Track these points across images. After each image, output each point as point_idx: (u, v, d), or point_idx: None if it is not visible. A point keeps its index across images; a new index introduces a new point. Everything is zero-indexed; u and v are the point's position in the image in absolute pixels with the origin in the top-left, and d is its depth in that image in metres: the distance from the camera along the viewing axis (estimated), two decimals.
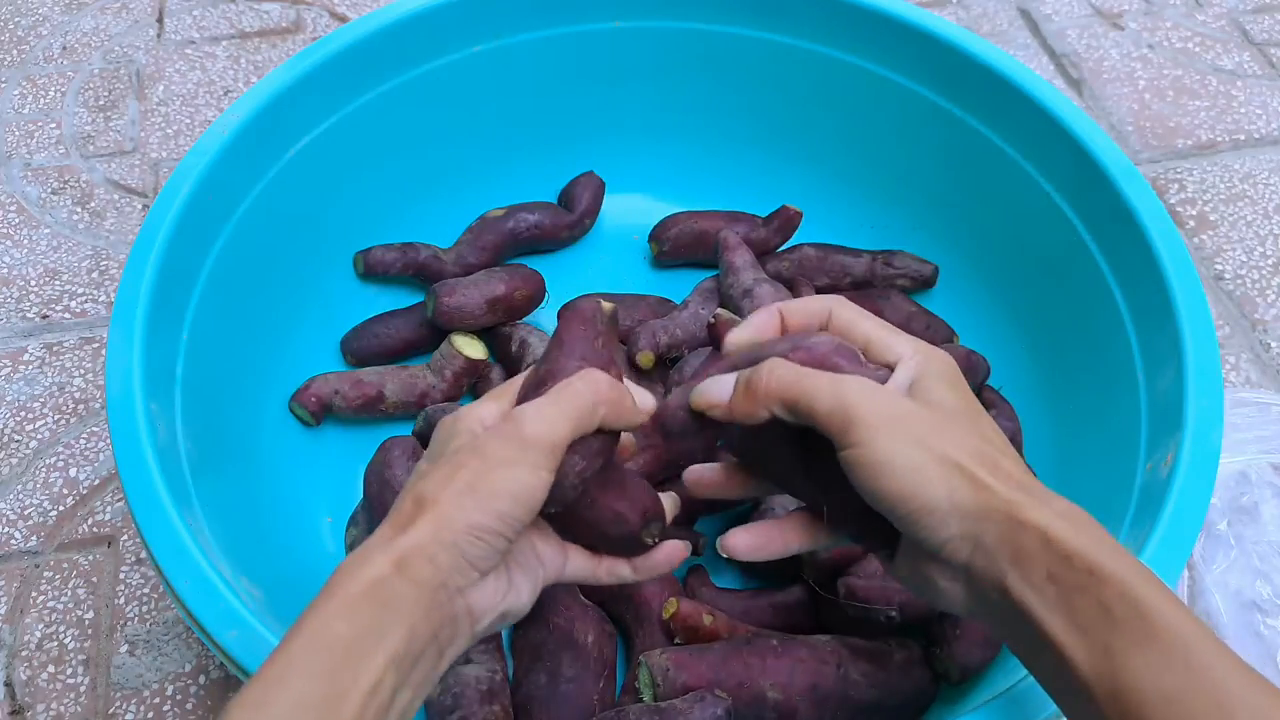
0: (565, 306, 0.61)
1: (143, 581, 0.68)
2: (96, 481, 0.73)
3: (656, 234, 0.78)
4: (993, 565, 0.37)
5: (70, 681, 0.64)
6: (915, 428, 0.38)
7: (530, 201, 0.78)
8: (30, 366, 0.79)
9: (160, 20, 1.05)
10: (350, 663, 0.35)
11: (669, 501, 0.48)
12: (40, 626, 0.66)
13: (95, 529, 0.70)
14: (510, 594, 0.42)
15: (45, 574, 0.69)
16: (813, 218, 0.77)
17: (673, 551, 0.47)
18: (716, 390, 0.43)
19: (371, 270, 0.74)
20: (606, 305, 0.47)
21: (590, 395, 0.41)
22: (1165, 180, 0.90)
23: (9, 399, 0.77)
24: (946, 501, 0.37)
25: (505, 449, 0.39)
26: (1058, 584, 0.35)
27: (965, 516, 0.37)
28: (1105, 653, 0.34)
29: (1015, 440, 0.67)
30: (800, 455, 0.43)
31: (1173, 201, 0.89)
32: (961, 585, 0.39)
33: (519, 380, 0.44)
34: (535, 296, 0.72)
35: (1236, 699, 0.32)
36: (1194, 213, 0.88)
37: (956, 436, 0.38)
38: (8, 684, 0.64)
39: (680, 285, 0.76)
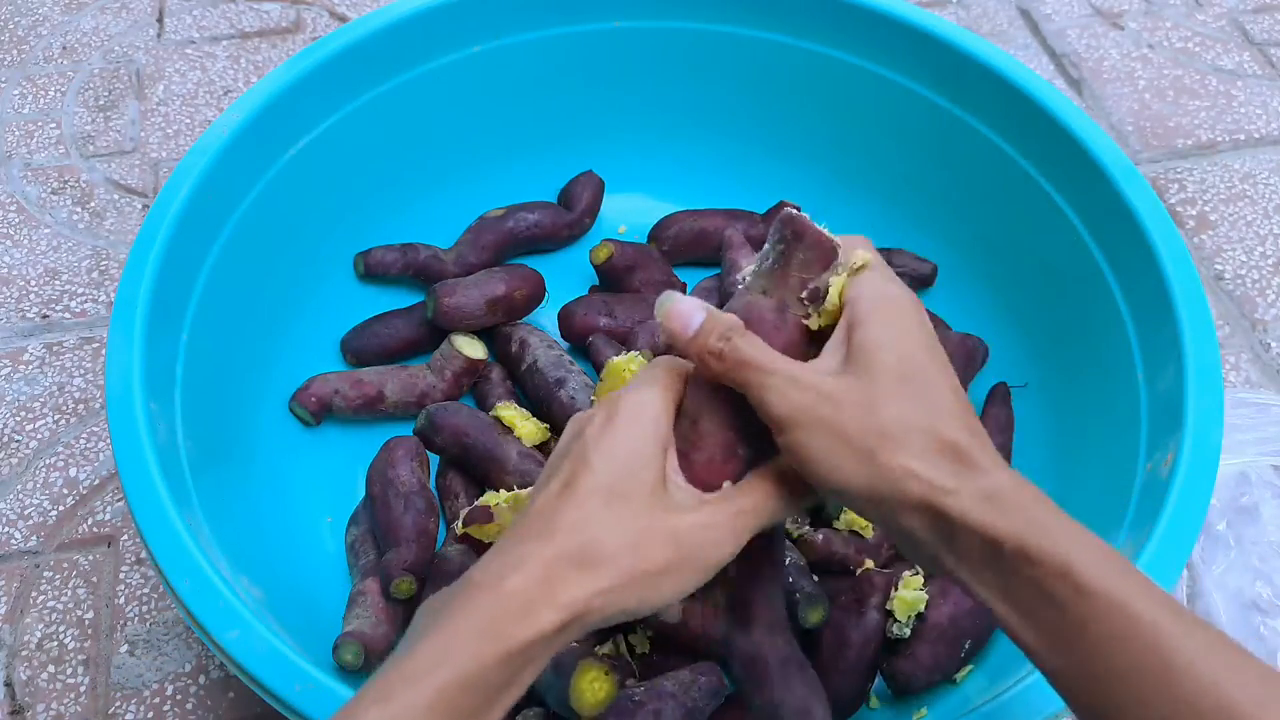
0: None
1: (143, 581, 0.68)
2: (96, 481, 0.73)
3: (656, 233, 0.78)
4: (928, 545, 0.37)
5: (70, 681, 0.64)
6: (834, 420, 0.38)
7: (530, 201, 0.78)
8: (30, 366, 0.79)
9: (160, 20, 1.05)
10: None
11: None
12: (40, 626, 0.67)
13: (95, 529, 0.70)
14: None
15: (45, 574, 0.69)
16: (812, 216, 0.77)
17: None
18: (681, 322, 0.42)
19: (371, 271, 0.74)
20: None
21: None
22: (1165, 180, 0.90)
23: (9, 399, 0.77)
24: (866, 491, 0.37)
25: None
26: (993, 569, 0.36)
27: (884, 506, 0.37)
28: (1055, 638, 0.35)
29: (1006, 441, 0.67)
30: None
31: (1173, 201, 0.89)
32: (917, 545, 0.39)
33: None
34: (535, 296, 0.72)
35: (1191, 672, 0.32)
36: (1194, 213, 0.88)
37: (883, 416, 0.37)
38: (8, 684, 0.64)
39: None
